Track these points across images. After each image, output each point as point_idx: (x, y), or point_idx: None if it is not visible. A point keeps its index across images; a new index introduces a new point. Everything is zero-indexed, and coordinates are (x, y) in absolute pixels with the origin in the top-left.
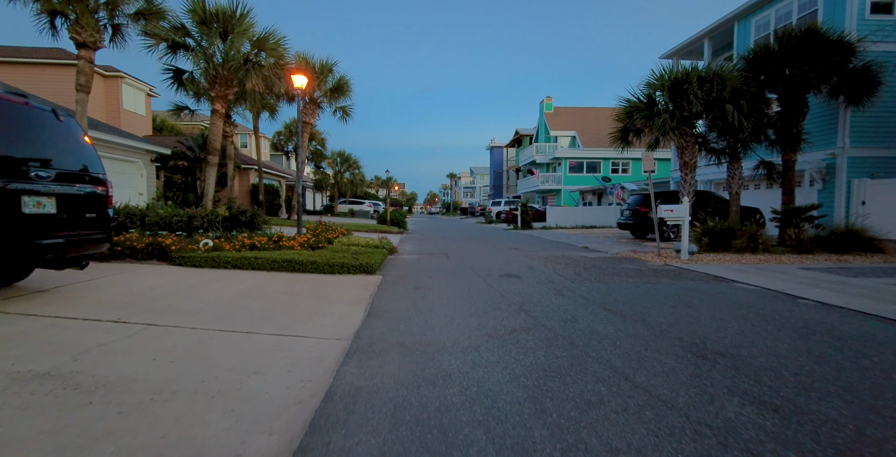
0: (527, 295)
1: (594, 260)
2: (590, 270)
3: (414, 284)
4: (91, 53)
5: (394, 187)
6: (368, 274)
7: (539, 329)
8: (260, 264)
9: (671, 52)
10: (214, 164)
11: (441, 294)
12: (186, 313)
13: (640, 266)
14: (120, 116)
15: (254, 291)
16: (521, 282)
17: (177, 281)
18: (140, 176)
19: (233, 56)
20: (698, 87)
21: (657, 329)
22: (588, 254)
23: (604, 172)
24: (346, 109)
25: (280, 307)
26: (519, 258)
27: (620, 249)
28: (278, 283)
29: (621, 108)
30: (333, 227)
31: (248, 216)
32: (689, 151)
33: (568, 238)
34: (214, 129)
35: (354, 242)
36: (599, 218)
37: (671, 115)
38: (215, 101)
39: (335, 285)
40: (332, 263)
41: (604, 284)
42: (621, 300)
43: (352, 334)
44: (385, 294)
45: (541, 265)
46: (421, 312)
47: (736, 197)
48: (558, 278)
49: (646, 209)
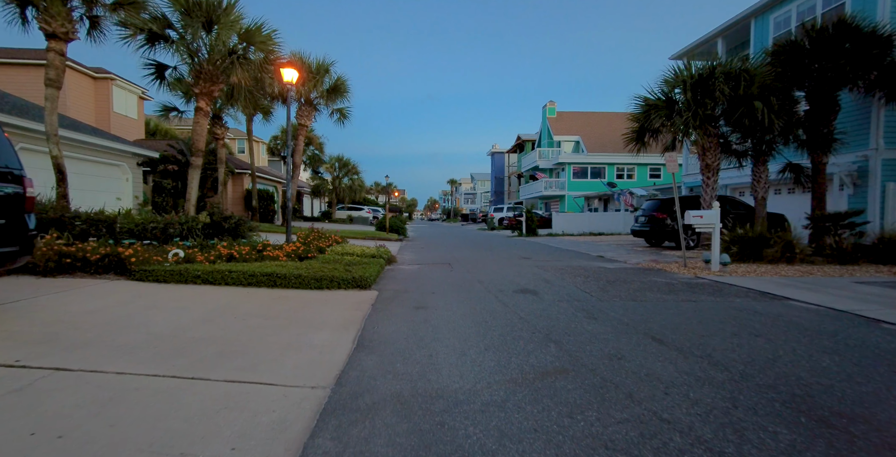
0: (551, 318)
1: (615, 272)
2: (615, 285)
3: (414, 303)
4: (62, 45)
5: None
6: (362, 289)
7: (579, 371)
8: (235, 279)
9: (682, 52)
10: (198, 166)
11: (447, 316)
12: (120, 349)
13: (670, 279)
14: (110, 119)
15: (220, 315)
16: (540, 300)
17: (128, 301)
18: (125, 180)
19: (218, 49)
20: (724, 83)
21: (733, 371)
22: (606, 264)
23: (608, 177)
24: (344, 112)
25: (247, 337)
26: (531, 269)
27: (639, 258)
28: (253, 302)
29: (637, 107)
30: (327, 234)
31: (232, 223)
32: (712, 152)
33: (578, 246)
34: (198, 128)
35: (349, 252)
36: (607, 224)
37: (694, 113)
38: (199, 99)
39: (322, 304)
40: (319, 277)
41: (638, 302)
42: (668, 326)
43: (333, 379)
44: (380, 316)
45: (558, 278)
46: (423, 342)
47: (762, 202)
48: (583, 295)
49: (663, 215)
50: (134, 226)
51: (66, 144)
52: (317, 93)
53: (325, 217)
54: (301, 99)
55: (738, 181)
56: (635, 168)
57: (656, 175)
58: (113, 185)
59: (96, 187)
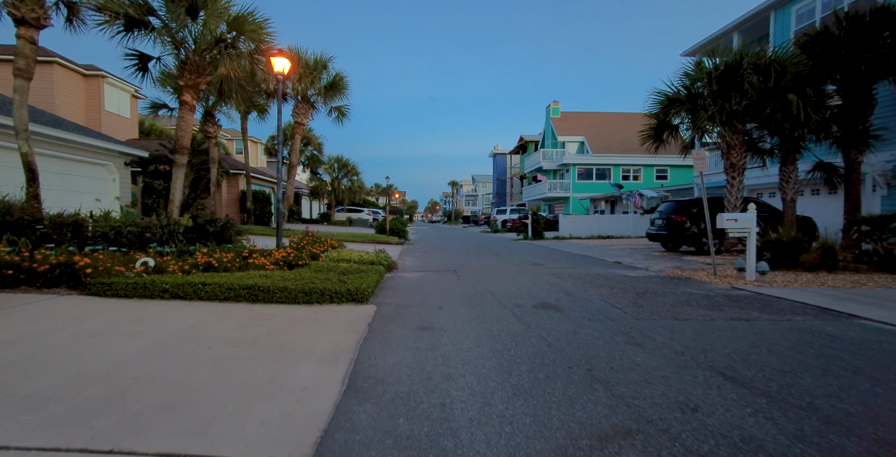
0: (586, 345)
1: (641, 281)
2: (647, 298)
3: (419, 321)
4: (34, 33)
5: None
6: (358, 303)
7: (647, 431)
8: (210, 293)
9: (695, 48)
10: (183, 164)
11: (459, 341)
12: (22, 403)
13: (705, 291)
14: (101, 117)
15: (181, 341)
16: (566, 318)
17: (67, 325)
18: (112, 181)
19: (205, 38)
20: (753, 75)
21: (863, 436)
22: (627, 272)
23: (614, 178)
24: (343, 110)
25: (207, 376)
26: (546, 278)
27: (661, 265)
28: (227, 322)
29: (654, 103)
30: (322, 238)
31: (218, 226)
32: (738, 150)
33: (590, 250)
34: (183, 123)
35: (345, 258)
36: (616, 227)
37: (720, 107)
38: (185, 92)
39: (309, 325)
40: (309, 290)
41: (681, 321)
42: (735, 357)
43: (311, 447)
44: (378, 340)
45: (579, 289)
46: (432, 381)
47: (791, 204)
48: (614, 312)
49: (682, 218)
50: (109, 229)
51: (47, 142)
52: (314, 90)
53: (323, 219)
54: (298, 96)
55: (757, 182)
56: (641, 169)
57: (663, 177)
58: (98, 185)
59: (80, 188)
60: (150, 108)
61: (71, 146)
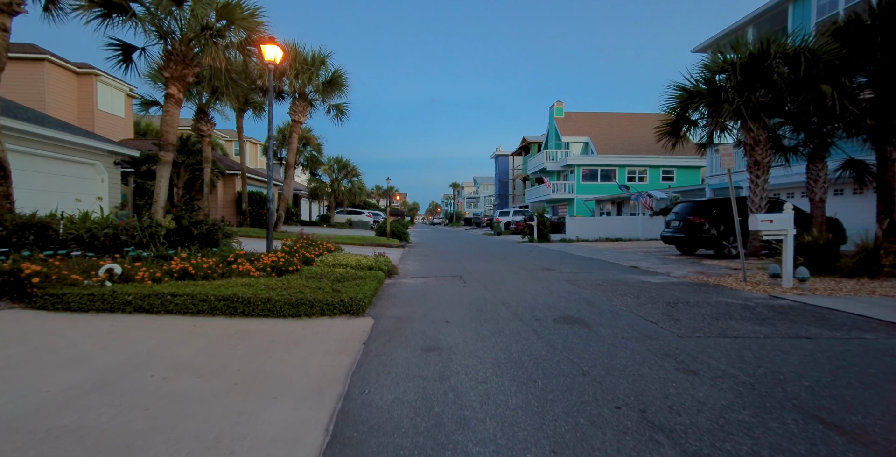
0: (629, 372)
1: (665, 288)
2: (680, 310)
3: (423, 339)
4: (5, 19)
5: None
6: (353, 315)
7: None
8: (181, 305)
9: (707, 44)
10: (168, 162)
11: (473, 368)
12: None
13: (741, 300)
14: (94, 117)
15: (129, 372)
16: (596, 336)
17: None
18: (100, 181)
19: (191, 26)
20: (782, 65)
21: None
22: (648, 278)
23: (619, 179)
24: (342, 108)
25: (146, 425)
26: (561, 285)
27: (682, 270)
28: (194, 343)
29: (671, 98)
30: (317, 241)
31: (203, 228)
32: (762, 147)
33: (601, 254)
34: (168, 118)
35: (342, 262)
36: (625, 229)
37: (746, 100)
38: (170, 84)
39: (292, 346)
40: (296, 301)
41: (731, 339)
42: (825, 393)
43: None
44: (374, 366)
45: (601, 298)
46: (443, 430)
47: (821, 205)
48: (649, 327)
49: (700, 219)
50: (84, 232)
51: (28, 139)
52: (312, 87)
53: (323, 221)
54: (295, 93)
55: (773, 183)
56: (647, 170)
57: (669, 178)
58: (86, 186)
59: (66, 189)
60: (141, 105)
61: (55, 144)
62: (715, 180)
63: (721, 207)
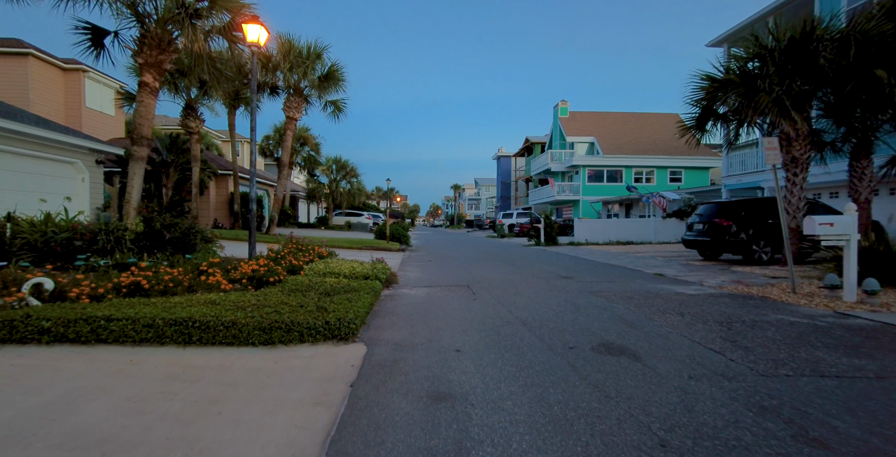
0: (723, 440)
1: (706, 302)
2: (738, 331)
3: (428, 381)
4: None
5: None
6: (340, 341)
7: None
8: (119, 332)
9: (723, 37)
10: (142, 158)
11: (501, 433)
12: None
13: (806, 318)
14: (81, 114)
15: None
16: (653, 374)
17: None
18: (80, 181)
19: (167, 6)
20: (829, 50)
21: None
22: (682, 288)
23: (626, 180)
24: (339, 104)
25: None
26: (586, 297)
27: (714, 278)
28: (118, 391)
29: (696, 89)
30: (308, 246)
31: (178, 232)
32: (801, 142)
33: (617, 258)
34: (143, 109)
35: (333, 270)
36: (636, 232)
37: (787, 89)
38: (145, 71)
39: (253, 392)
40: (269, 325)
41: (834, 380)
42: None
43: None
44: (362, 429)
45: (639, 316)
46: None
47: (866, 206)
48: (714, 359)
49: (727, 222)
50: (39, 237)
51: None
52: (307, 81)
53: (321, 223)
54: (289, 89)
55: None
56: (655, 171)
57: (677, 179)
58: (64, 186)
59: (41, 189)
60: (123, 100)
61: (29, 141)
62: (732, 181)
63: (750, 208)
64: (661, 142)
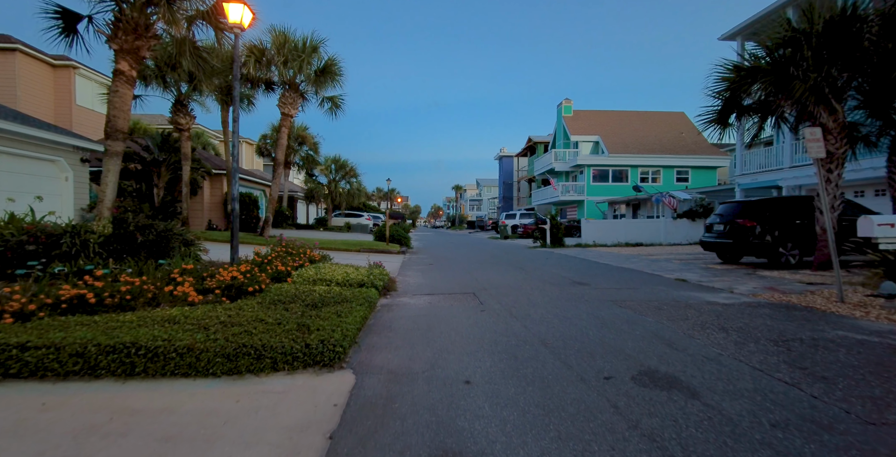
0: None
1: (746, 313)
2: (799, 353)
3: (432, 432)
4: None
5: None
6: (323, 368)
7: None
8: (36, 364)
9: (736, 30)
10: (117, 153)
11: None
12: None
13: (876, 336)
14: (72, 112)
15: None
16: (722, 419)
17: None
18: (64, 180)
19: None
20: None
21: None
22: (711, 297)
23: (632, 180)
24: (336, 100)
25: None
26: (608, 308)
27: (743, 284)
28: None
29: (718, 79)
30: (300, 249)
31: (153, 234)
32: (836, 136)
33: (630, 262)
34: (117, 99)
35: (325, 277)
36: (646, 233)
37: (826, 75)
38: (120, 58)
39: (197, 451)
40: (234, 350)
41: None
42: None
43: None
44: None
45: (676, 332)
46: None
47: None
48: (792, 395)
49: (751, 223)
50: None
51: None
52: (303, 76)
53: (319, 224)
54: (285, 84)
55: (811, 182)
56: (661, 171)
57: (684, 179)
58: (45, 185)
59: (20, 188)
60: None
61: (4, 137)
62: (746, 180)
63: (775, 207)
64: (667, 141)
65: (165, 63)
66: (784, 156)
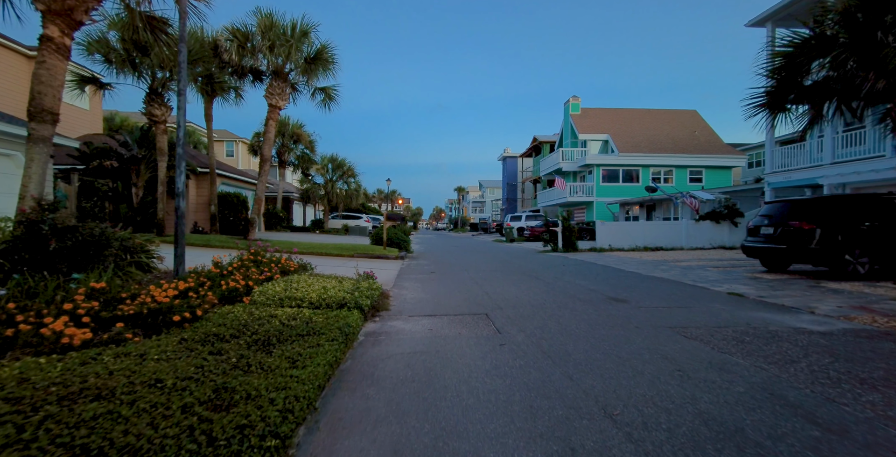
0: None
1: (870, 349)
2: None
3: None
4: None
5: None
6: None
7: None
8: None
9: (765, 16)
10: (43, 139)
11: None
12: None
13: None
14: None
15: None
16: None
17: None
18: None
19: None
20: None
21: None
22: (795, 321)
23: (643, 180)
24: (330, 91)
25: None
26: (672, 341)
27: (819, 301)
28: None
29: (771, 56)
30: (271, 258)
31: (74, 239)
32: None
33: (659, 269)
34: (43, 72)
35: (296, 294)
36: (666, 236)
37: None
38: (47, 22)
39: None
40: (93, 448)
41: None
42: None
43: None
44: None
45: (795, 386)
46: None
47: None
48: None
49: (809, 226)
50: None
51: None
52: (292, 63)
53: (315, 227)
54: (271, 73)
55: (859, 180)
56: (673, 171)
57: (697, 179)
58: (4, 181)
59: None
60: (76, 82)
61: None
62: (778, 178)
63: (836, 207)
64: (679, 140)
65: (134, 45)
66: (825, 151)
